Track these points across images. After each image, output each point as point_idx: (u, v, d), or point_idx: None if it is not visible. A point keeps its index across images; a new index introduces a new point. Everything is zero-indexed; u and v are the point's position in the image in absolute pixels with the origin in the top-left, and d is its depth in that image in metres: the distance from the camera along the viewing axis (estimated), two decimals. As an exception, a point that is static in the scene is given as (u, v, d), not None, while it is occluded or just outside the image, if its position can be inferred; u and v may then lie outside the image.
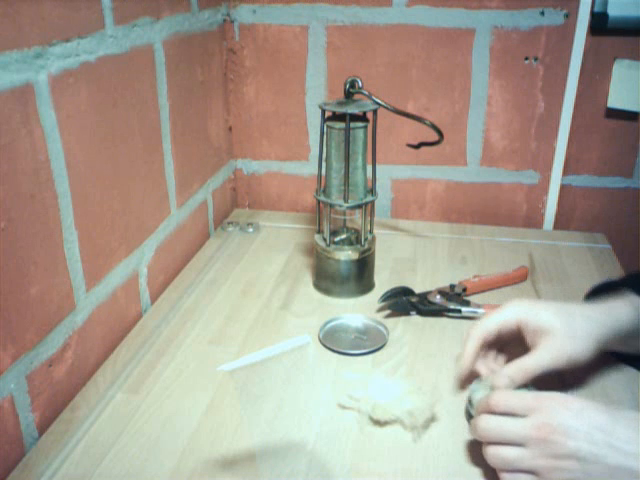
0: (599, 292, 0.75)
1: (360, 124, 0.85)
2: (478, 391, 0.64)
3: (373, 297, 0.90)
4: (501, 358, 0.71)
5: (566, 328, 0.63)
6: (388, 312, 0.86)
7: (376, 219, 0.96)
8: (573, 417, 0.53)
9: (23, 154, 0.61)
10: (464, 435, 0.64)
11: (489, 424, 0.57)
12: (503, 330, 0.66)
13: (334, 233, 0.92)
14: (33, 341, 0.64)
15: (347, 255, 0.89)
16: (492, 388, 0.63)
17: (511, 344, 0.69)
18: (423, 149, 0.96)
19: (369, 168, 0.90)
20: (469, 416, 0.64)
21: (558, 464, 0.53)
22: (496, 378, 0.64)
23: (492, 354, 0.71)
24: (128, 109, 0.80)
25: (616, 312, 0.66)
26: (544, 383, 0.64)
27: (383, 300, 0.87)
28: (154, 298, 0.91)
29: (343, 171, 0.86)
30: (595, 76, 1.07)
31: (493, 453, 0.56)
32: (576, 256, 1.03)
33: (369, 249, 0.91)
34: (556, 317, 0.64)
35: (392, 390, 0.67)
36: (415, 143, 0.96)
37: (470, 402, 0.64)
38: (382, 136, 1.08)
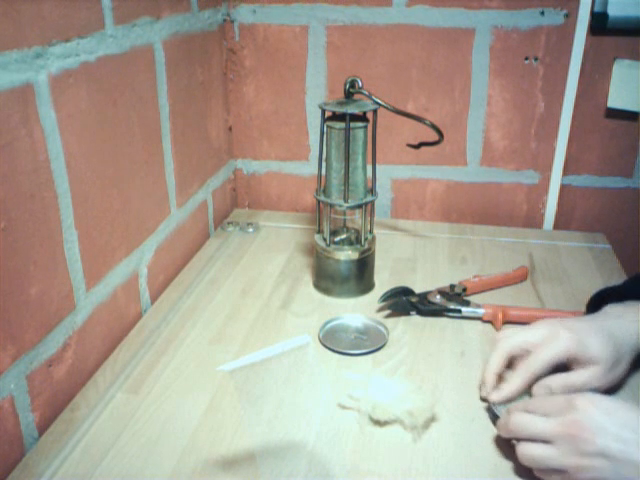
0: (601, 298, 0.75)
1: (360, 124, 0.85)
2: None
3: (373, 297, 0.90)
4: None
5: (612, 358, 0.64)
6: (388, 312, 0.86)
7: (376, 219, 0.96)
8: (602, 415, 0.53)
9: (23, 154, 0.61)
10: (464, 435, 0.64)
11: (521, 419, 0.57)
12: (554, 366, 0.65)
13: (334, 233, 0.92)
14: (33, 341, 0.64)
15: (347, 255, 0.89)
16: (529, 395, 0.65)
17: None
18: (423, 149, 0.96)
19: (369, 168, 0.90)
20: (494, 416, 0.65)
21: (586, 463, 0.52)
22: (535, 386, 0.65)
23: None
24: (128, 109, 0.80)
25: None
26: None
27: (383, 300, 0.87)
28: (154, 298, 0.91)
29: (343, 171, 0.86)
30: (595, 76, 1.07)
31: (523, 451, 0.56)
32: (576, 256, 1.03)
33: (369, 249, 0.91)
34: (604, 350, 0.64)
35: (392, 390, 0.67)
36: (415, 143, 0.96)
37: (493, 403, 0.65)
38: (382, 136, 1.08)
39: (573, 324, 0.66)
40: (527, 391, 0.65)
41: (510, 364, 0.68)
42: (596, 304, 0.75)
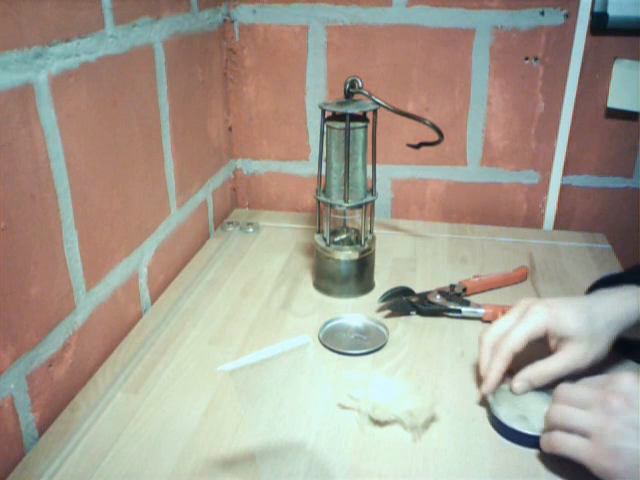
0: (600, 287, 0.75)
1: (360, 124, 0.85)
2: (499, 404, 0.66)
3: (373, 297, 0.90)
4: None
5: (589, 333, 0.64)
6: (388, 312, 0.86)
7: (376, 219, 0.96)
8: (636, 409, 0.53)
9: (23, 154, 0.61)
10: (464, 435, 0.64)
11: (561, 410, 0.57)
12: (531, 340, 0.65)
13: (334, 233, 0.92)
14: (33, 341, 0.64)
15: (347, 255, 0.89)
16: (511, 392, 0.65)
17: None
18: (423, 149, 0.96)
19: (369, 168, 0.90)
20: (492, 416, 0.65)
21: (615, 426, 0.53)
22: (514, 382, 0.65)
23: None
24: (128, 109, 0.80)
25: (628, 306, 0.66)
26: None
27: (383, 300, 0.87)
28: (154, 298, 0.91)
29: (343, 171, 0.86)
30: (595, 76, 1.07)
31: (557, 409, 0.57)
32: (576, 256, 1.03)
33: (369, 249, 0.91)
34: (580, 323, 0.64)
35: (392, 390, 0.67)
36: (415, 143, 0.96)
37: (491, 409, 0.65)
38: (382, 136, 1.08)
39: (549, 300, 0.67)
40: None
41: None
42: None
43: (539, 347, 0.67)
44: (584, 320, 0.64)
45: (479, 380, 0.70)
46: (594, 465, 0.53)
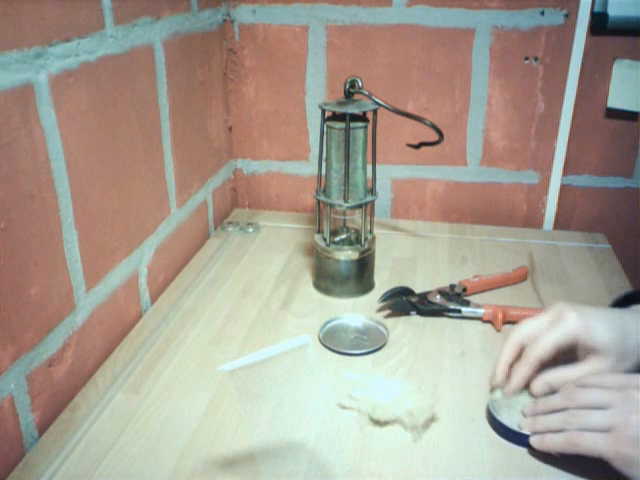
0: (628, 299, 0.73)
1: (360, 124, 0.85)
2: (502, 408, 0.65)
3: (373, 297, 0.90)
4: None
5: (619, 349, 0.62)
6: (388, 312, 0.86)
7: (376, 219, 0.96)
8: None
9: (23, 154, 0.61)
10: (464, 435, 0.64)
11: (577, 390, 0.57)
12: (560, 349, 0.64)
13: (334, 233, 0.92)
14: (33, 341, 0.64)
15: (347, 255, 0.89)
16: (529, 394, 0.65)
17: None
18: (423, 149, 0.96)
19: (369, 168, 0.90)
20: (491, 416, 0.65)
21: (638, 416, 0.53)
22: (535, 383, 0.64)
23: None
24: (128, 109, 0.80)
25: None
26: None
27: (383, 300, 0.87)
28: (154, 298, 0.91)
29: (343, 171, 0.86)
30: (595, 76, 1.07)
31: (575, 413, 0.57)
32: (576, 256, 1.03)
33: (369, 249, 0.91)
34: (611, 338, 0.62)
35: (392, 390, 0.67)
36: (415, 143, 0.96)
37: (489, 410, 0.65)
38: (382, 136, 1.08)
39: (584, 309, 0.64)
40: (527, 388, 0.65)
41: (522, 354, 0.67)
42: (622, 304, 0.72)
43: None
44: (616, 336, 0.62)
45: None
46: (616, 455, 0.53)
